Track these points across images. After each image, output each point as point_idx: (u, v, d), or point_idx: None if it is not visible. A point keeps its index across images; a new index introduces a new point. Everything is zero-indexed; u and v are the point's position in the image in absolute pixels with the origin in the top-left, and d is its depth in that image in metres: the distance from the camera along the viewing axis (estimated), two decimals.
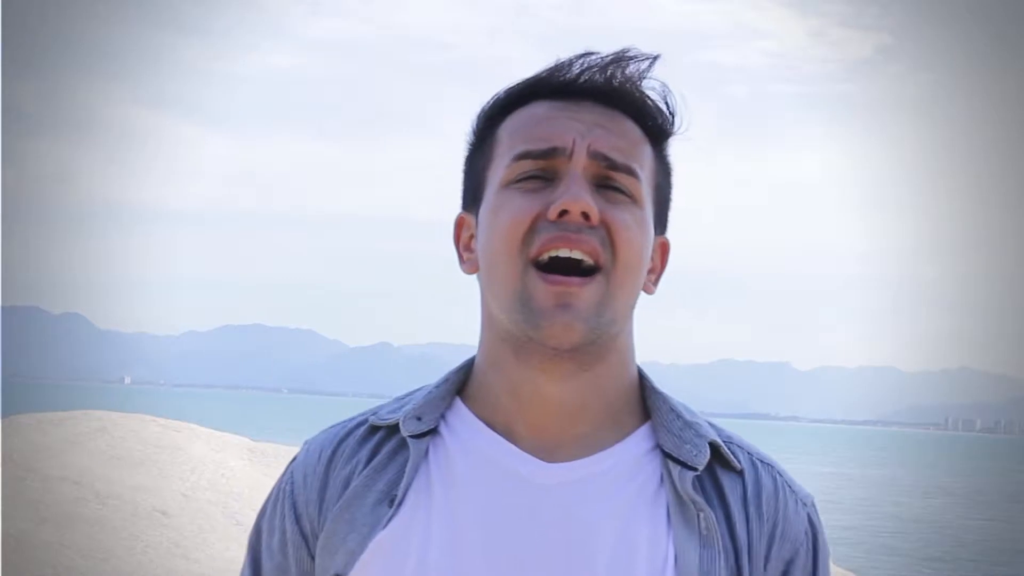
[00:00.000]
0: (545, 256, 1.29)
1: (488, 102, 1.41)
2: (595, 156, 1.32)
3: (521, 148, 1.33)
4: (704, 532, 1.30)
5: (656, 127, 1.38)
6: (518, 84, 1.39)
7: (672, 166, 1.42)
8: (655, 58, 1.37)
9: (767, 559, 1.33)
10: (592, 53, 1.37)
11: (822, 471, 65.96)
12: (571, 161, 1.31)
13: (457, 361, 1.47)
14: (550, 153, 1.32)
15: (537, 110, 1.36)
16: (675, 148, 1.40)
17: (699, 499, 1.31)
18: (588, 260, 1.29)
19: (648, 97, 1.37)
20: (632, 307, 1.36)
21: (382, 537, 1.31)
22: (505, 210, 1.32)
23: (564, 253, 1.29)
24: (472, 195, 1.40)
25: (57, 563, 8.37)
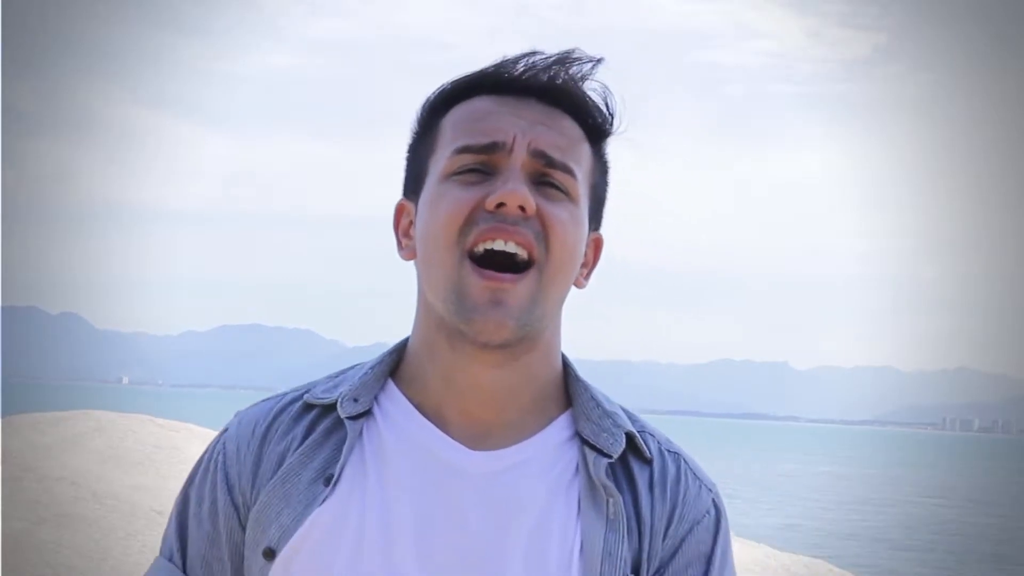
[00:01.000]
0: (480, 248, 1.33)
1: (433, 93, 1.44)
2: (535, 154, 1.35)
3: (462, 142, 1.36)
4: (611, 516, 1.35)
5: (595, 126, 1.42)
6: (463, 77, 1.42)
7: (609, 165, 1.46)
8: (598, 60, 1.41)
9: (665, 536, 1.38)
10: (538, 52, 1.41)
11: (820, 471, 65.96)
12: (511, 156, 1.35)
13: None
14: (491, 148, 1.35)
15: (480, 104, 1.39)
16: (673, 148, 1.50)
17: (610, 485, 1.37)
18: (522, 253, 1.33)
19: (588, 97, 1.41)
20: (562, 301, 1.40)
21: (318, 514, 1.35)
22: (444, 201, 1.35)
23: (499, 246, 1.32)
24: (413, 183, 1.44)
25: (55, 563, 8.36)
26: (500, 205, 1.32)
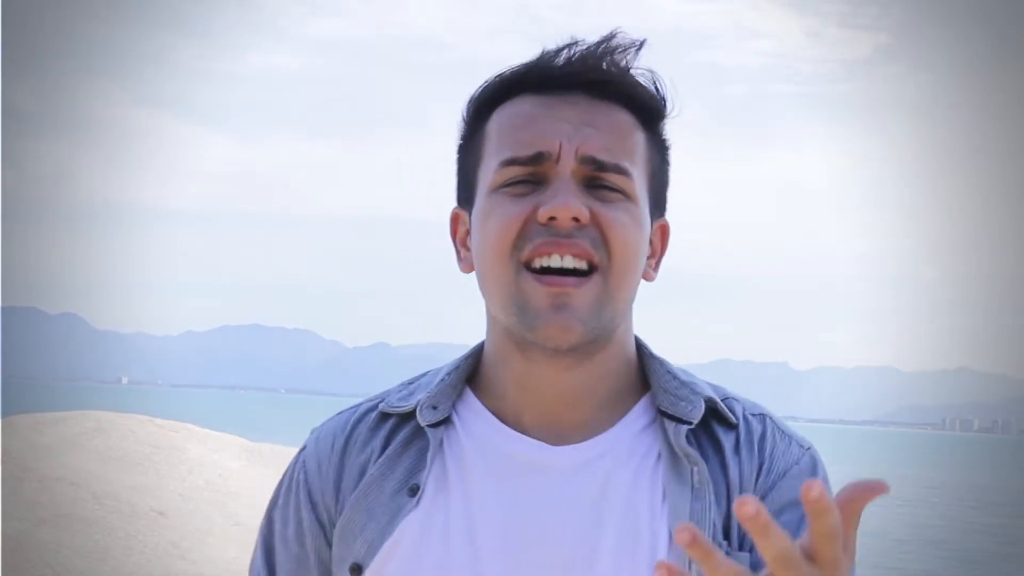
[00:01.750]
0: (537, 264, 1.30)
1: (477, 91, 1.40)
2: (584, 160, 1.31)
3: (508, 153, 1.33)
4: (696, 485, 1.32)
5: (647, 111, 1.37)
6: (506, 75, 1.37)
7: (669, 144, 1.41)
8: (641, 43, 1.37)
9: (755, 490, 1.35)
10: (578, 42, 1.36)
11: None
12: (559, 164, 1.31)
13: None
14: (537, 159, 1.31)
15: (524, 106, 1.35)
16: (673, 148, 1.39)
17: (693, 452, 1.34)
18: (581, 265, 1.30)
19: (636, 82, 1.36)
20: (631, 300, 1.37)
21: (405, 525, 1.33)
22: (494, 216, 1.32)
23: (556, 262, 1.29)
24: (465, 193, 1.41)
25: (55, 563, 8.36)
26: (552, 218, 1.29)
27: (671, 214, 1.41)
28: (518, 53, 1.37)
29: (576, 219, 1.29)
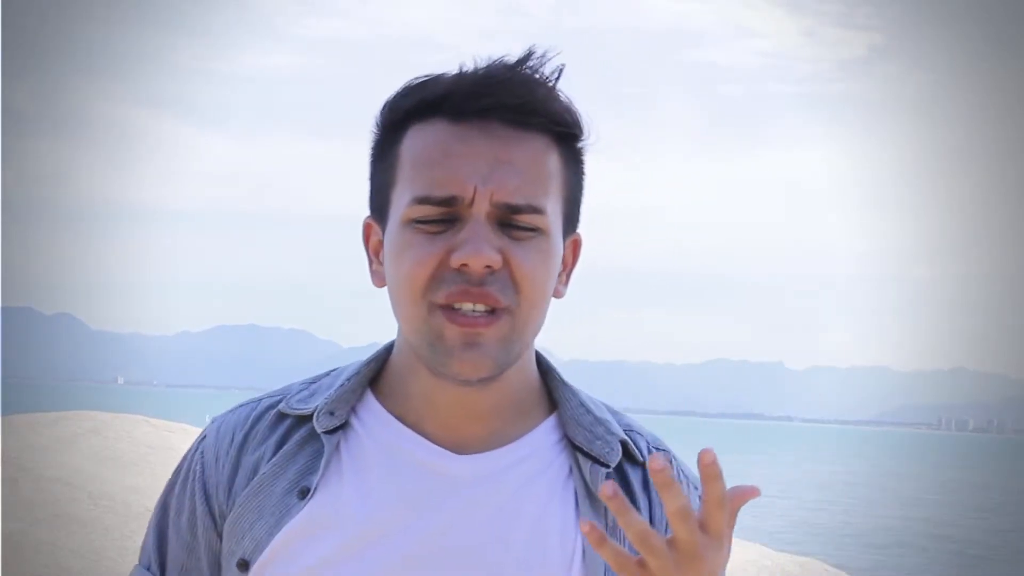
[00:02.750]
0: (449, 306, 1.31)
1: (393, 98, 1.38)
2: (497, 205, 1.31)
3: (421, 191, 1.32)
4: (611, 523, 1.35)
5: (565, 134, 1.37)
6: (421, 94, 1.36)
7: (583, 156, 1.41)
8: (561, 69, 1.36)
9: (665, 534, 1.35)
10: (493, 63, 1.35)
11: (815, 471, 66.02)
12: (472, 207, 1.30)
13: None
14: (450, 202, 1.31)
15: (439, 135, 1.33)
16: (668, 147, 1.43)
17: None
18: (492, 308, 1.31)
19: (555, 106, 1.35)
20: (540, 328, 1.39)
21: (291, 526, 1.34)
22: (407, 255, 1.32)
23: (467, 308, 1.30)
24: (377, 206, 1.40)
25: (51, 563, 8.37)
26: (464, 265, 1.29)
27: (668, 215, 1.51)
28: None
29: (489, 266, 1.29)
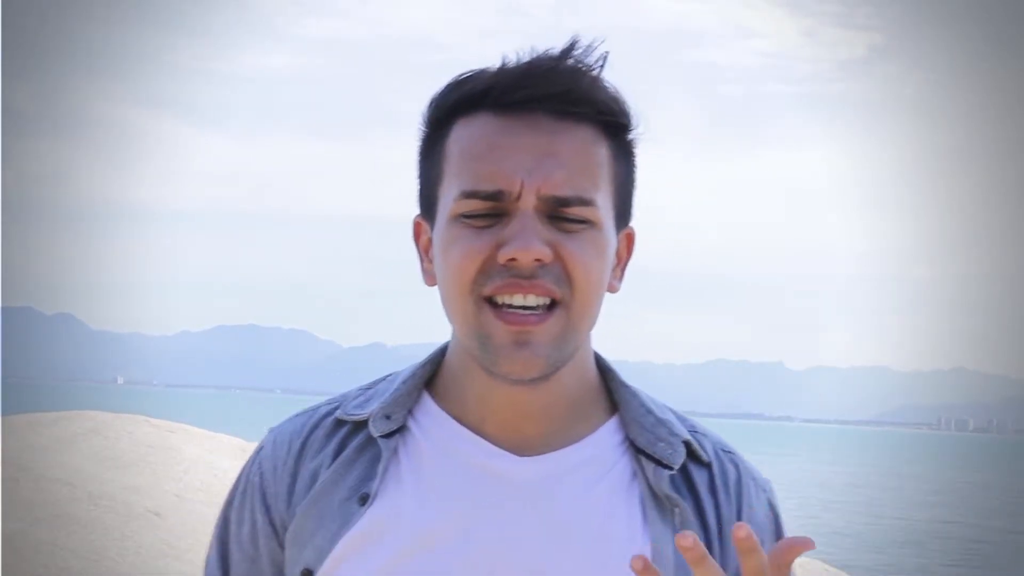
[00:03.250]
0: (499, 300, 1.29)
1: (438, 95, 1.37)
2: (545, 199, 1.29)
3: (468, 185, 1.30)
4: (679, 526, 1.33)
5: (613, 124, 1.35)
6: (466, 87, 1.34)
7: (632, 147, 1.38)
8: (605, 56, 1.33)
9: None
10: (539, 57, 1.32)
11: (815, 471, 66.00)
12: (520, 201, 1.29)
13: None
14: (497, 196, 1.29)
15: (484, 128, 1.32)
16: (668, 147, 1.36)
17: (674, 495, 1.34)
18: (544, 302, 1.29)
19: (601, 95, 1.33)
20: (594, 324, 1.36)
21: (352, 534, 1.32)
22: (455, 249, 1.30)
23: (519, 300, 1.28)
24: (426, 204, 1.39)
25: (50, 564, 8.36)
26: (513, 259, 1.27)
27: (668, 215, 1.62)
28: (514, 53, 1.33)
29: (539, 259, 1.27)
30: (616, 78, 1.35)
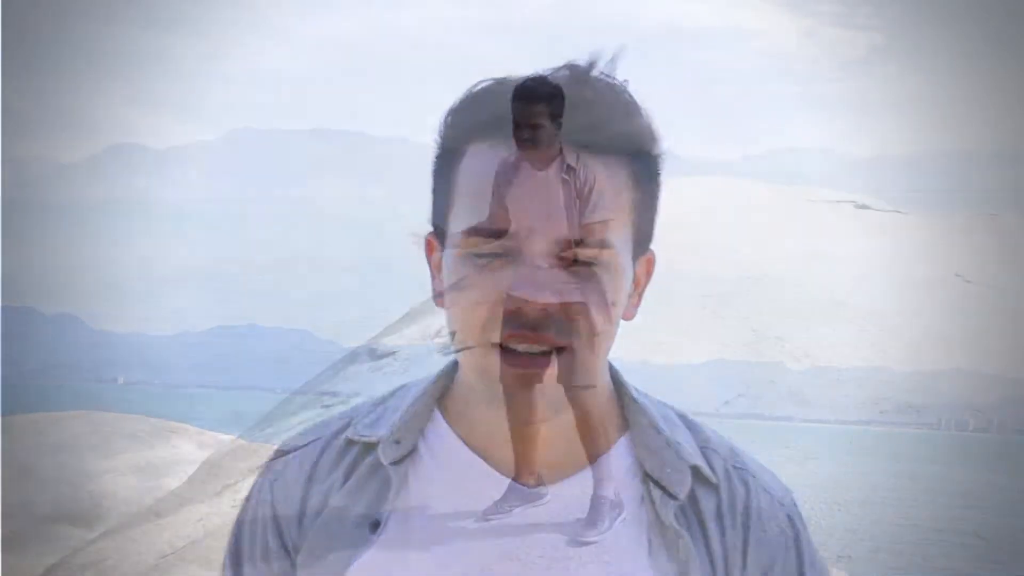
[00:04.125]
0: (508, 345, 1.25)
1: (451, 118, 1.32)
2: (554, 241, 1.24)
3: (475, 223, 1.25)
4: (683, 558, 1.30)
5: (639, 151, 1.30)
6: (484, 112, 1.28)
7: (658, 169, 1.32)
8: (626, 82, 1.28)
9: (744, 567, 1.33)
10: (558, 75, 1.25)
11: (815, 471, 65.98)
12: (529, 242, 1.23)
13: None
14: (504, 235, 1.24)
15: (496, 161, 1.24)
16: (667, 147, 1.29)
17: (678, 527, 1.31)
18: (551, 348, 1.25)
19: (627, 133, 1.29)
20: (606, 355, 1.33)
21: (362, 561, 1.31)
22: (463, 294, 1.28)
23: (525, 348, 1.24)
24: (436, 223, 1.35)
25: (51, 564, 8.37)
26: (519, 308, 1.23)
27: (666, 215, 1.33)
28: (514, 52, 1.27)
29: (544, 309, 1.23)
30: (616, 78, 1.28)
